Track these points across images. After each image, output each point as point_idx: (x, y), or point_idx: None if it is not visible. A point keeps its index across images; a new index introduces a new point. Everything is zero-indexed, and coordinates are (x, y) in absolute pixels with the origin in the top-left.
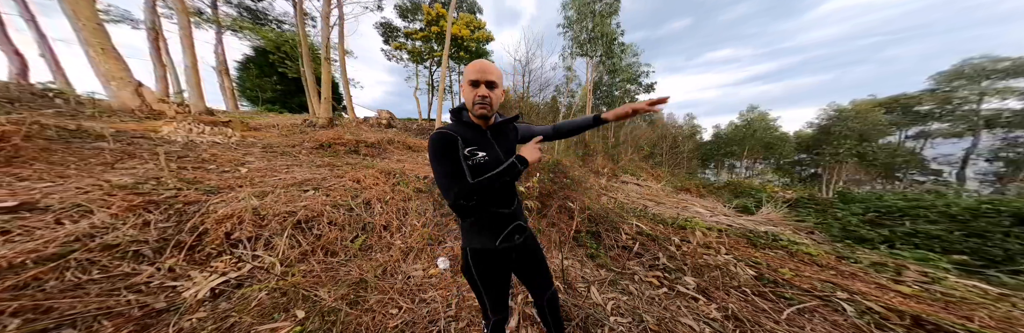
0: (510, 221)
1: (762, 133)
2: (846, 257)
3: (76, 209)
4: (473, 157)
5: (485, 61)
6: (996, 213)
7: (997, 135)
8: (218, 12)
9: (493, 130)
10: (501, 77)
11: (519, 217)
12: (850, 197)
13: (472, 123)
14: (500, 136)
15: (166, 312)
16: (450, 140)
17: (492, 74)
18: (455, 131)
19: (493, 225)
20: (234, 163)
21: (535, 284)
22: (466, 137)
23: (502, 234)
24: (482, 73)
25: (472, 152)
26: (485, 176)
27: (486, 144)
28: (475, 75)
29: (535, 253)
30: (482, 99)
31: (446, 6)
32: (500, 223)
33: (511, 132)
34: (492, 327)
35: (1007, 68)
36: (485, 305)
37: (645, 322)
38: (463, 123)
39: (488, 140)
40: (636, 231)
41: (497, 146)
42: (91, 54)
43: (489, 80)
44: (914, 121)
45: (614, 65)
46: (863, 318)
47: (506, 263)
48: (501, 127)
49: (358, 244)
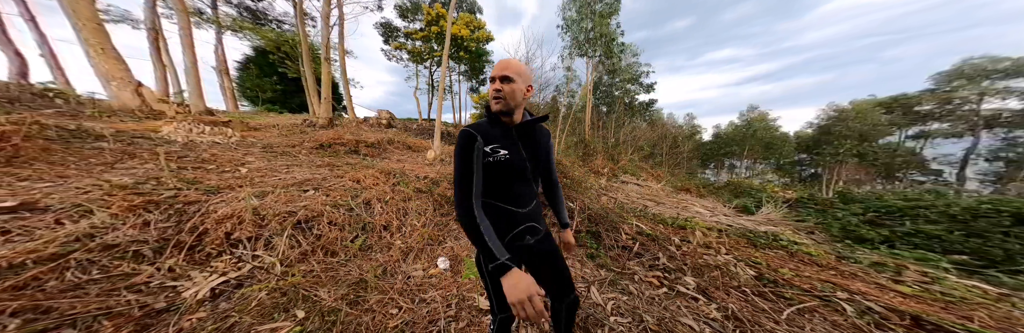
0: (523, 221)
1: (762, 133)
2: (846, 257)
3: (76, 209)
4: (495, 154)
5: (506, 59)
6: (996, 213)
7: (997, 135)
8: (218, 12)
9: (519, 129)
10: (520, 73)
11: (535, 219)
12: (850, 197)
13: (500, 121)
14: (526, 135)
15: (166, 312)
16: (469, 138)
17: (508, 70)
18: (478, 129)
19: (505, 222)
20: (234, 163)
21: (551, 290)
22: (490, 135)
23: (512, 233)
24: (499, 69)
25: (494, 149)
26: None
27: (510, 142)
28: (493, 72)
29: (552, 258)
30: (496, 92)
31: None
32: (512, 221)
33: (540, 133)
34: (497, 325)
35: (1007, 68)
36: (492, 301)
37: (645, 322)
38: (492, 121)
39: (513, 138)
40: (636, 231)
41: (522, 145)
42: (91, 54)
43: (503, 75)
44: (914, 121)
45: (614, 65)
46: (863, 318)
47: (517, 263)
48: (527, 126)
49: (358, 244)
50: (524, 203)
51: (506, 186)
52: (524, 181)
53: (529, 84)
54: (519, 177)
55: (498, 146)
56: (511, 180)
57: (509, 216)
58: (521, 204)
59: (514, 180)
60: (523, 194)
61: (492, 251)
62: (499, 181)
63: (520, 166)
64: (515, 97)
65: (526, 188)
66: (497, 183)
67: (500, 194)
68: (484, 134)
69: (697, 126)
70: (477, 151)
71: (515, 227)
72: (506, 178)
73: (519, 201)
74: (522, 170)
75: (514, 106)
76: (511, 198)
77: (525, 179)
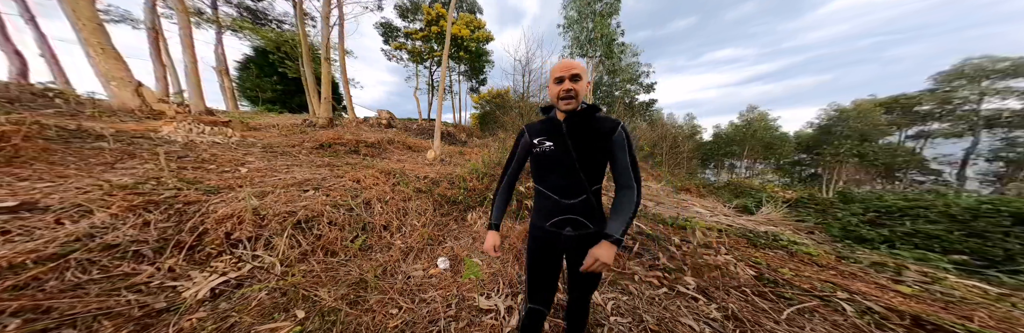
0: (566, 211)
1: (762, 133)
2: (846, 257)
3: (76, 209)
4: (541, 145)
5: (568, 59)
6: (996, 213)
7: (997, 135)
8: (218, 12)
9: (569, 121)
10: (585, 71)
11: (582, 214)
12: (850, 197)
13: (554, 117)
14: (576, 127)
15: (166, 312)
16: (520, 133)
17: (576, 68)
18: (532, 125)
19: (549, 208)
20: (234, 163)
21: (575, 282)
22: (538, 129)
23: (553, 219)
24: (567, 68)
25: (541, 141)
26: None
27: (557, 135)
28: (559, 72)
29: (577, 257)
30: (568, 92)
31: (446, 6)
32: (554, 209)
33: (599, 126)
34: (525, 315)
35: (1007, 68)
36: (527, 287)
37: (645, 322)
38: (549, 116)
39: (560, 131)
40: (636, 231)
41: (570, 137)
42: (91, 54)
43: (574, 73)
44: (914, 121)
45: (614, 65)
46: (863, 318)
47: (552, 248)
48: (578, 118)
49: (358, 244)
50: (568, 195)
51: (546, 175)
52: (565, 172)
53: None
54: (558, 168)
55: (544, 138)
56: (551, 170)
57: (553, 203)
58: (565, 195)
59: (553, 170)
60: (566, 185)
61: (492, 214)
62: (542, 170)
63: (557, 157)
64: (582, 94)
65: (568, 180)
66: (541, 172)
67: (544, 181)
68: (531, 128)
69: (697, 126)
70: (521, 143)
71: (558, 214)
72: (547, 168)
73: (562, 192)
74: (559, 161)
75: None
76: (554, 187)
77: (566, 171)
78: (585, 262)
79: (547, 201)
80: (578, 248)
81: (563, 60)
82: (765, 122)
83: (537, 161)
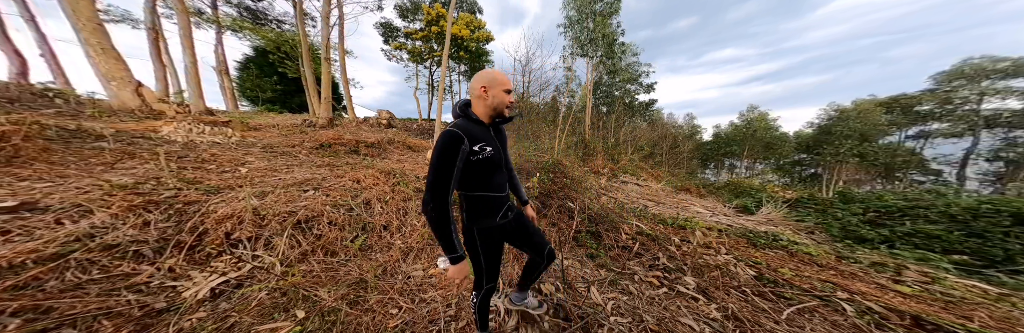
0: (504, 203)
1: (762, 133)
2: (846, 257)
3: (76, 209)
4: (482, 152)
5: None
6: (996, 213)
7: (997, 135)
8: (218, 12)
9: (494, 127)
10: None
11: (509, 199)
12: (850, 197)
13: (479, 120)
14: (499, 133)
15: (166, 312)
16: (457, 140)
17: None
18: (464, 129)
19: (493, 207)
20: (234, 163)
21: (533, 243)
22: (474, 134)
23: (499, 213)
24: (510, 83)
25: (481, 147)
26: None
27: (491, 139)
28: (508, 85)
29: (526, 223)
30: (512, 103)
31: (446, 6)
32: (498, 205)
33: (503, 130)
34: (483, 294)
35: (1007, 68)
36: (482, 276)
37: (645, 322)
38: (472, 120)
39: (491, 136)
40: (636, 231)
41: (497, 141)
42: (91, 54)
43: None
44: (914, 121)
45: (614, 65)
46: (863, 318)
47: (503, 236)
48: (501, 125)
49: (358, 244)
50: (503, 189)
51: (489, 177)
52: (501, 171)
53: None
54: (498, 169)
55: (484, 144)
56: (494, 172)
57: (496, 201)
58: (502, 190)
59: (495, 172)
60: (502, 182)
61: (454, 245)
62: (484, 174)
63: (496, 160)
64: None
65: (502, 177)
66: (483, 176)
67: (486, 185)
68: (469, 134)
69: (697, 126)
70: (462, 152)
71: (500, 209)
72: (490, 171)
73: (501, 188)
74: (499, 162)
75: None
76: (494, 187)
77: (501, 169)
78: (531, 217)
79: (494, 201)
80: (516, 225)
81: (503, 72)
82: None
83: (480, 167)
